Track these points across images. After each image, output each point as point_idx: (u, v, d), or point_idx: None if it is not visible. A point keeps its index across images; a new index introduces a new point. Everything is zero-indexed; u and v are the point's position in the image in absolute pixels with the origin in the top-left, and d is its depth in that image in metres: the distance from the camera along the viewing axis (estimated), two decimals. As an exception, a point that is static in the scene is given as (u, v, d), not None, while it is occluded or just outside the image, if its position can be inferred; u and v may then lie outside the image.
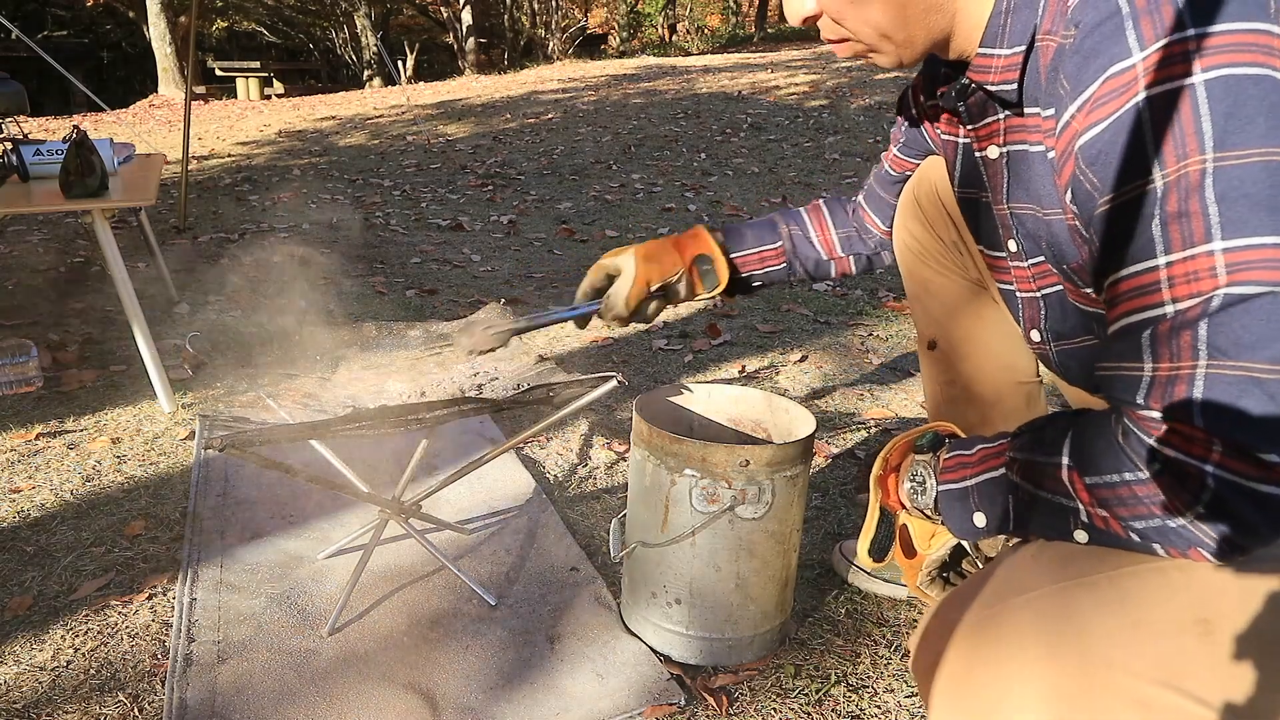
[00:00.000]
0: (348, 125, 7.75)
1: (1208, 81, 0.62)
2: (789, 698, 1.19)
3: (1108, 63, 0.67)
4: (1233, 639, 0.63)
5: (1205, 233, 0.62)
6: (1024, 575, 0.72)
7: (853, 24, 0.84)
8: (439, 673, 1.22)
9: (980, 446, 0.81)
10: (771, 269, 1.31)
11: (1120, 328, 0.68)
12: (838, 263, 1.33)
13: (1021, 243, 0.92)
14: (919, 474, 0.88)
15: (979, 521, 0.79)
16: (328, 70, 18.21)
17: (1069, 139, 0.72)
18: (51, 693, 1.19)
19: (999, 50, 0.81)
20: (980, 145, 0.92)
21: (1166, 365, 0.63)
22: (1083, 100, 0.69)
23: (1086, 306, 0.89)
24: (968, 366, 1.25)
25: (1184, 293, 0.63)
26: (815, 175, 5.12)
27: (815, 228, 1.32)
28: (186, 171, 4.04)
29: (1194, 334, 0.62)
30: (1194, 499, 0.61)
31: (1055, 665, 0.65)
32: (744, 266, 1.31)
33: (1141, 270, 0.66)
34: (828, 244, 1.31)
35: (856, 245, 1.32)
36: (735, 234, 1.31)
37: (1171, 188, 0.63)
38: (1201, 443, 0.61)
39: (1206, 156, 0.62)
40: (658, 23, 19.08)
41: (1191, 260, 0.63)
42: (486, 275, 3.36)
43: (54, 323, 2.70)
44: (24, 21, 14.41)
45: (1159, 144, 0.64)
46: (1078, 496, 0.69)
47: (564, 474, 1.81)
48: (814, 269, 1.33)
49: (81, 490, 1.71)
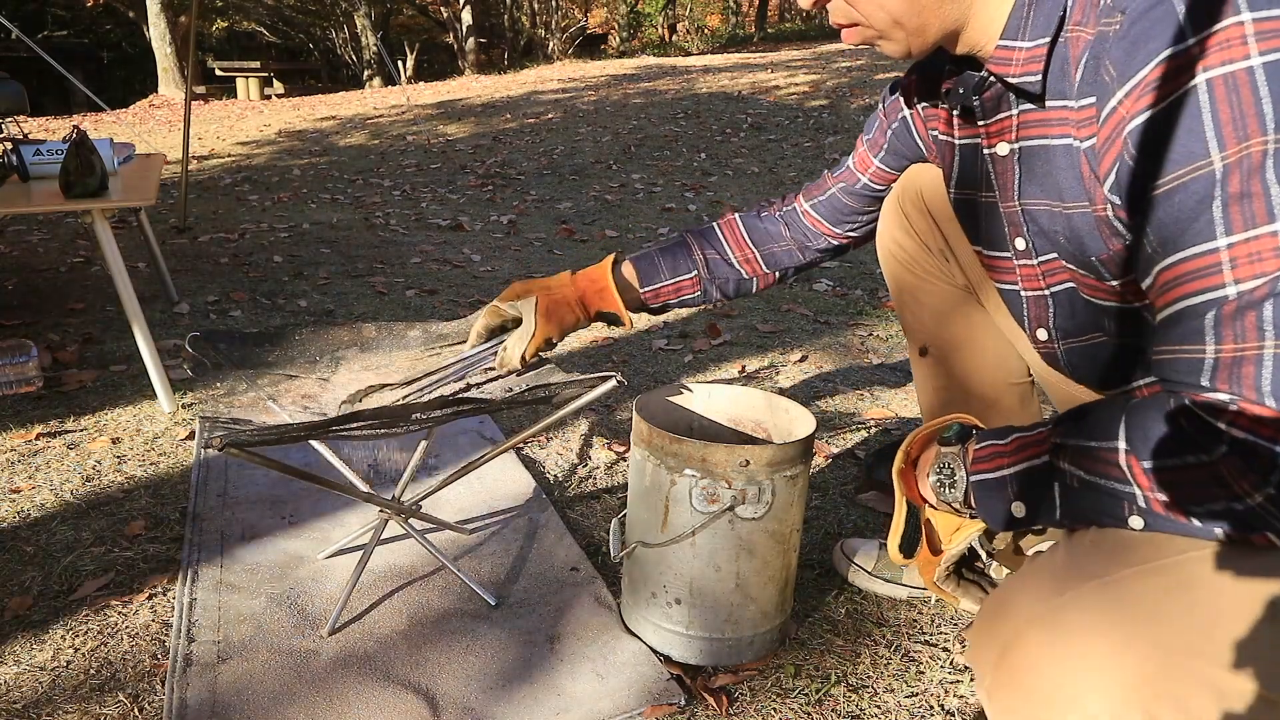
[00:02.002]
0: (348, 125, 7.75)
1: (1266, 64, 0.63)
2: (789, 698, 1.19)
3: (1160, 47, 0.67)
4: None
5: (1269, 212, 0.62)
6: (1088, 562, 0.71)
7: (865, 8, 0.84)
8: (439, 673, 1.22)
9: (1016, 435, 0.79)
10: (686, 297, 1.32)
11: (1177, 311, 0.68)
12: (760, 279, 1.32)
13: (1032, 240, 0.92)
14: (947, 466, 0.86)
15: (1018, 512, 0.78)
16: (328, 70, 18.20)
17: (1115, 125, 0.71)
18: (51, 693, 1.19)
19: (1021, 43, 0.80)
20: (989, 142, 0.92)
21: (1231, 346, 0.63)
22: (1132, 85, 0.69)
23: (1100, 301, 0.88)
24: (961, 370, 1.25)
25: (1247, 273, 0.63)
26: (815, 175, 5.10)
27: (733, 247, 1.30)
28: (186, 171, 4.04)
29: (1259, 314, 0.62)
30: (1263, 480, 0.61)
31: (1128, 653, 0.65)
32: (656, 298, 1.31)
33: (1201, 252, 0.65)
34: (746, 261, 1.30)
35: (783, 259, 1.30)
36: (648, 265, 1.30)
37: (1233, 169, 0.63)
38: (1271, 423, 0.61)
39: (1269, 137, 0.62)
40: (658, 23, 19.07)
41: (1255, 240, 0.63)
42: (486, 275, 3.37)
43: (54, 323, 2.70)
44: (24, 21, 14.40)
45: (1218, 125, 0.64)
46: (1135, 481, 0.68)
47: (564, 474, 1.81)
48: (734, 289, 1.32)
49: (81, 490, 1.71)
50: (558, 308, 1.25)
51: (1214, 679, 0.63)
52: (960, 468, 0.84)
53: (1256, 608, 0.64)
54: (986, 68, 0.85)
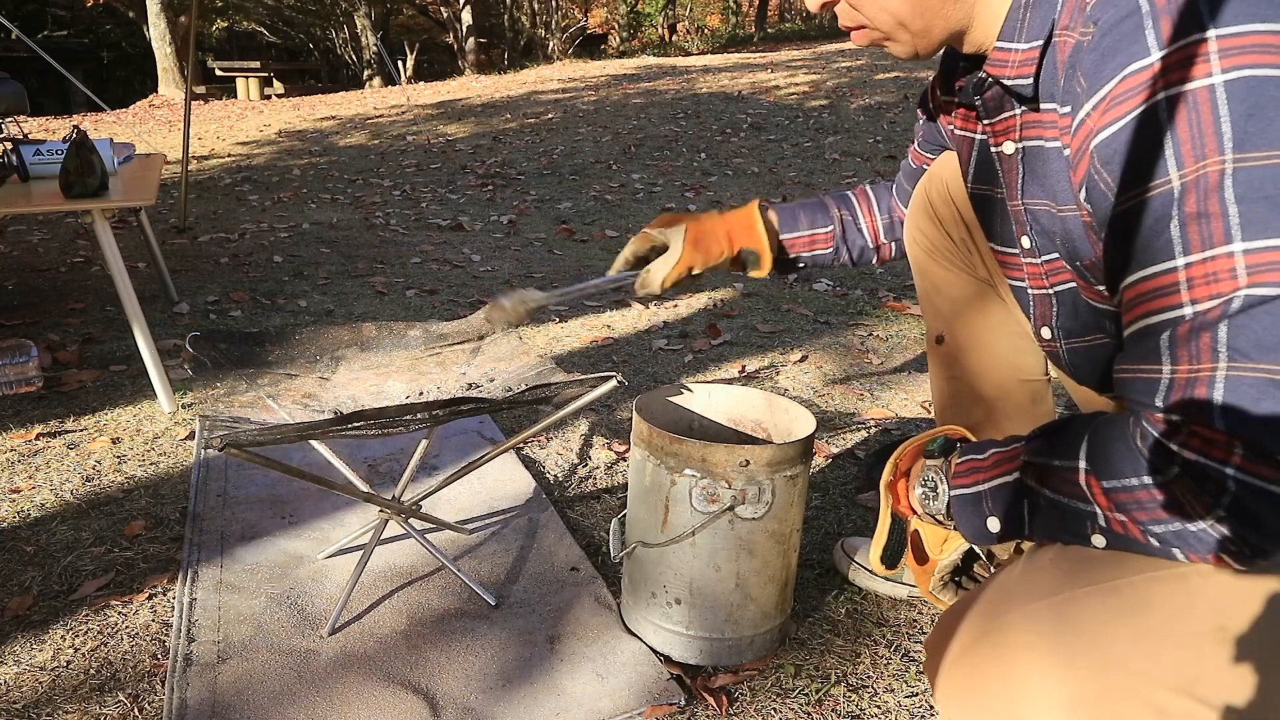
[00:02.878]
0: (348, 125, 7.75)
1: (1228, 82, 0.62)
2: (789, 698, 1.19)
3: (1126, 61, 0.67)
4: (1252, 645, 0.63)
5: (1225, 233, 0.61)
6: (1040, 580, 0.71)
7: (870, 10, 0.84)
8: (439, 673, 1.22)
9: (994, 450, 0.80)
10: (819, 252, 1.33)
11: (1137, 329, 0.67)
12: (880, 249, 1.34)
13: (1035, 239, 0.92)
14: (930, 479, 0.87)
15: (993, 526, 0.78)
16: (328, 70, 18.21)
17: (1084, 137, 0.71)
18: (51, 693, 1.19)
19: (1016, 44, 0.81)
20: (996, 140, 0.92)
21: (1186, 367, 0.63)
22: (1099, 98, 0.69)
23: (1099, 304, 0.88)
24: (973, 363, 1.25)
25: (1203, 294, 0.62)
26: (815, 175, 5.12)
27: (864, 214, 1.33)
28: (186, 171, 4.04)
29: (1214, 335, 0.61)
30: (1214, 502, 0.61)
31: (1070, 671, 0.65)
32: (792, 248, 1.32)
33: (1159, 271, 0.65)
34: (874, 230, 1.33)
35: (896, 230, 1.33)
36: (789, 215, 1.32)
37: (1190, 188, 0.63)
38: (1222, 445, 0.60)
39: (1226, 157, 0.61)
40: (658, 23, 19.08)
41: (1211, 261, 0.62)
42: (486, 275, 3.36)
43: (54, 323, 2.70)
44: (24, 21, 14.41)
45: (1177, 144, 0.63)
46: (1095, 501, 0.68)
47: (564, 474, 1.81)
48: (858, 255, 1.35)
49: (81, 490, 1.71)
50: (705, 237, 1.24)
51: (1157, 701, 0.63)
52: (942, 481, 0.85)
53: (1208, 630, 0.64)
54: (984, 69, 0.86)
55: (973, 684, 0.70)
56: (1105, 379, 0.97)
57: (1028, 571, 0.73)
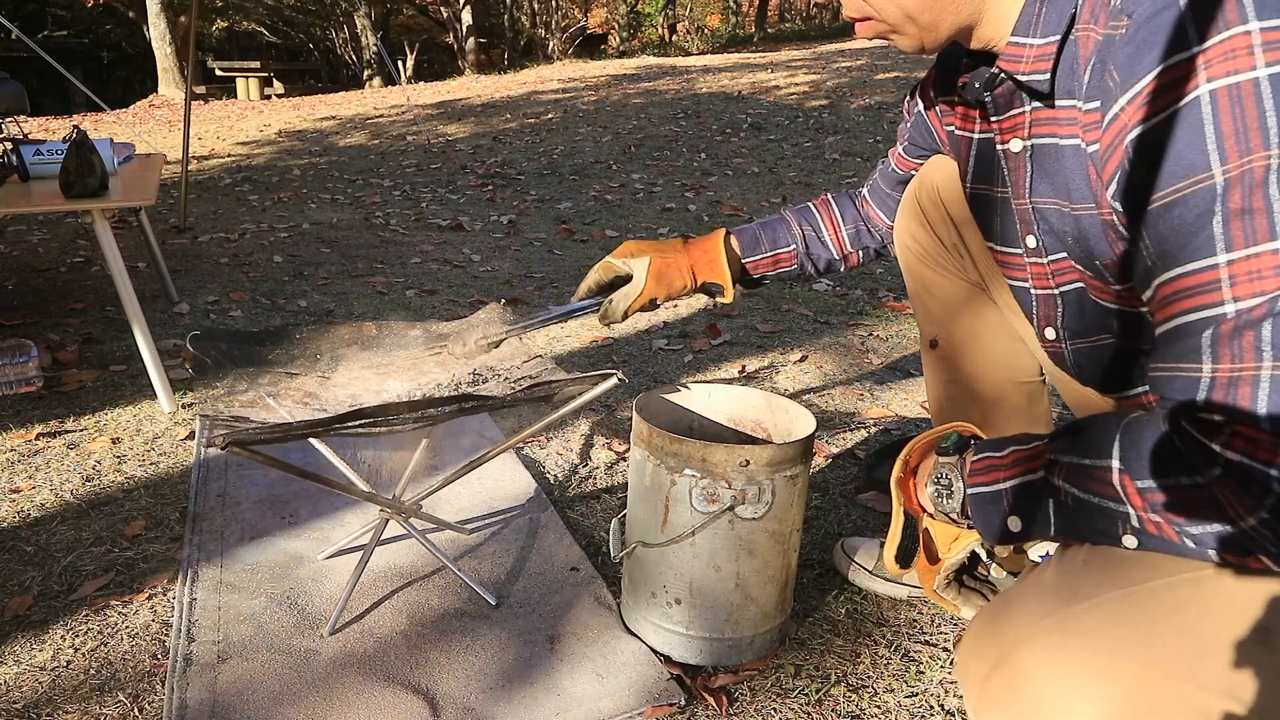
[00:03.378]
0: (348, 125, 7.75)
1: (1273, 75, 0.61)
2: (789, 698, 1.19)
3: (1164, 54, 0.65)
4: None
5: (1270, 230, 0.60)
6: (1081, 582, 0.70)
7: (879, 2, 0.83)
8: (439, 673, 1.22)
9: (1013, 448, 0.78)
10: (784, 270, 1.35)
11: (1175, 327, 0.66)
12: (848, 258, 1.35)
13: (1042, 238, 0.91)
14: (945, 476, 0.85)
15: (1013, 526, 0.77)
16: (328, 70, 18.21)
17: (1117, 132, 0.70)
18: (51, 693, 1.19)
19: (1031, 40, 0.80)
20: (1003, 138, 0.91)
21: (1228, 366, 0.62)
22: (1135, 92, 0.68)
23: (1108, 303, 0.87)
24: (968, 365, 1.25)
25: (1247, 292, 0.61)
26: (815, 175, 5.12)
27: (827, 226, 1.33)
28: (186, 171, 4.04)
29: (1257, 334, 0.60)
30: (1258, 504, 0.59)
31: (1117, 675, 0.64)
32: (756, 270, 1.34)
33: (1200, 268, 0.64)
34: (839, 242, 1.33)
35: (865, 239, 1.34)
36: (749, 238, 1.33)
37: (1234, 183, 0.62)
38: (1268, 446, 0.59)
39: (1272, 152, 0.60)
40: (658, 23, 19.09)
41: (1255, 258, 0.61)
42: (486, 275, 3.37)
43: (54, 323, 2.70)
44: (24, 21, 14.41)
45: (1220, 138, 0.62)
46: (1129, 500, 0.66)
47: (564, 474, 1.81)
48: (824, 267, 1.36)
49: (81, 490, 1.71)
50: (669, 270, 1.26)
51: (1203, 704, 0.62)
52: (957, 479, 0.84)
53: (1249, 633, 0.63)
54: (997, 64, 0.85)
55: (1018, 687, 0.69)
56: (1109, 380, 0.97)
57: (1064, 574, 0.72)
